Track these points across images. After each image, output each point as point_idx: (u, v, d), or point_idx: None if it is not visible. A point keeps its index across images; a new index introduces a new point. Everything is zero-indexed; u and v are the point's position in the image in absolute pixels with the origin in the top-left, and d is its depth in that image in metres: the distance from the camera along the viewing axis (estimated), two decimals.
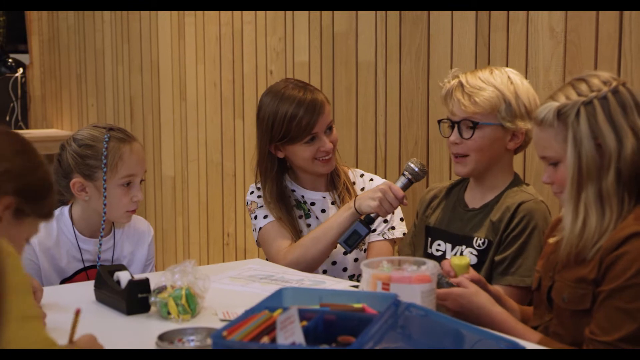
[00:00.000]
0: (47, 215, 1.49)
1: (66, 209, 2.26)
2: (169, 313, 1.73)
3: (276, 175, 2.40)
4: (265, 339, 1.37)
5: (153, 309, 1.77)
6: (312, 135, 2.32)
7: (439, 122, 2.20)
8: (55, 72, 5.64)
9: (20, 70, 5.80)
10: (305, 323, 1.43)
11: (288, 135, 2.31)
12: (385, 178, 2.83)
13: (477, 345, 1.44)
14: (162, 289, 1.76)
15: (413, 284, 1.63)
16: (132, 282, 1.78)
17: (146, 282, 1.79)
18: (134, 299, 1.77)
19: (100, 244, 2.22)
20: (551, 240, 1.79)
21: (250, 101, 3.76)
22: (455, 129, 2.09)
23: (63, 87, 5.56)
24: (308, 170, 2.39)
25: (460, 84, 2.07)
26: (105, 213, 2.19)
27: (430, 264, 1.69)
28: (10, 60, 5.29)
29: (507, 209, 2.05)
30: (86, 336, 1.49)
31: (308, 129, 2.31)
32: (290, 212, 2.39)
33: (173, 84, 4.31)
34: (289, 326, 1.34)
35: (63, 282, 2.20)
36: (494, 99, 2.04)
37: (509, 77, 2.06)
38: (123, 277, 1.81)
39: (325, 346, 1.41)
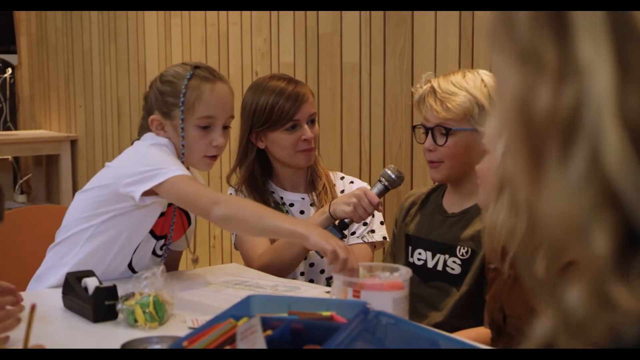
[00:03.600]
0: None
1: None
2: (135, 321, 1.69)
3: (252, 163, 2.36)
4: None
5: (121, 316, 1.73)
6: (294, 123, 2.30)
7: (414, 128, 2.17)
8: (44, 73, 5.61)
9: (9, 70, 5.76)
10: (270, 332, 1.40)
11: (269, 120, 2.29)
12: (370, 181, 2.80)
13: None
14: (129, 296, 1.72)
15: (384, 291, 1.60)
16: (98, 289, 1.74)
17: (113, 288, 1.75)
18: (101, 306, 1.72)
19: None
20: (492, 265, 1.75)
21: (235, 102, 3.72)
22: (429, 136, 2.05)
23: (51, 88, 5.52)
24: (288, 163, 2.35)
25: (433, 90, 2.03)
26: (183, 154, 2.05)
27: (403, 270, 1.65)
28: None
29: None
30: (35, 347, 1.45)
31: (289, 115, 2.28)
32: (266, 202, 2.33)
33: None
34: (251, 336, 1.30)
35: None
36: (467, 103, 2.00)
37: (482, 80, 2.02)
38: (90, 283, 1.77)
39: None
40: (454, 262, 2.04)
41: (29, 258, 2.39)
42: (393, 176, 2.17)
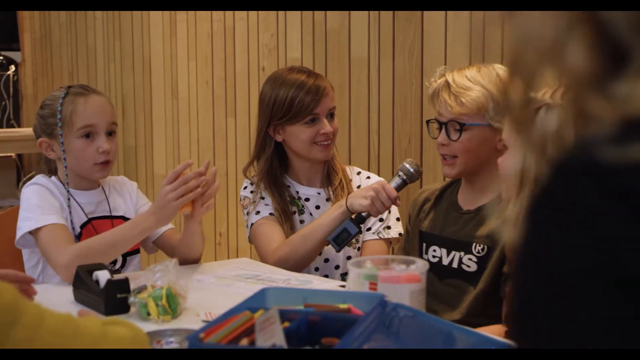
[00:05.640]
0: None
1: (53, 176, 2.25)
2: (148, 314, 1.67)
3: (271, 156, 2.34)
4: (244, 341, 1.32)
5: (133, 309, 1.71)
6: (313, 117, 2.27)
7: (427, 122, 2.14)
8: (47, 70, 5.58)
9: (12, 68, 5.74)
10: (287, 324, 1.37)
11: (289, 114, 2.26)
12: (379, 176, 2.77)
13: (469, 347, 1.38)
14: (141, 289, 1.69)
15: (402, 283, 1.58)
16: (110, 282, 1.72)
17: (125, 281, 1.73)
18: (113, 299, 1.70)
19: (69, 199, 2.19)
20: None
21: (242, 99, 3.70)
22: (443, 130, 2.02)
23: (55, 86, 5.49)
24: (305, 156, 2.32)
25: (447, 84, 2.00)
26: (66, 167, 2.17)
27: (420, 262, 1.63)
28: (1, 57, 5.23)
29: None
30: None
31: (310, 109, 2.26)
32: (283, 196, 2.33)
33: (165, 82, 4.25)
34: (269, 327, 1.28)
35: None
36: (481, 98, 1.97)
37: (497, 75, 1.99)
38: (102, 276, 1.75)
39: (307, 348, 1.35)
40: (470, 259, 2.01)
41: None
42: (412, 170, 2.15)
